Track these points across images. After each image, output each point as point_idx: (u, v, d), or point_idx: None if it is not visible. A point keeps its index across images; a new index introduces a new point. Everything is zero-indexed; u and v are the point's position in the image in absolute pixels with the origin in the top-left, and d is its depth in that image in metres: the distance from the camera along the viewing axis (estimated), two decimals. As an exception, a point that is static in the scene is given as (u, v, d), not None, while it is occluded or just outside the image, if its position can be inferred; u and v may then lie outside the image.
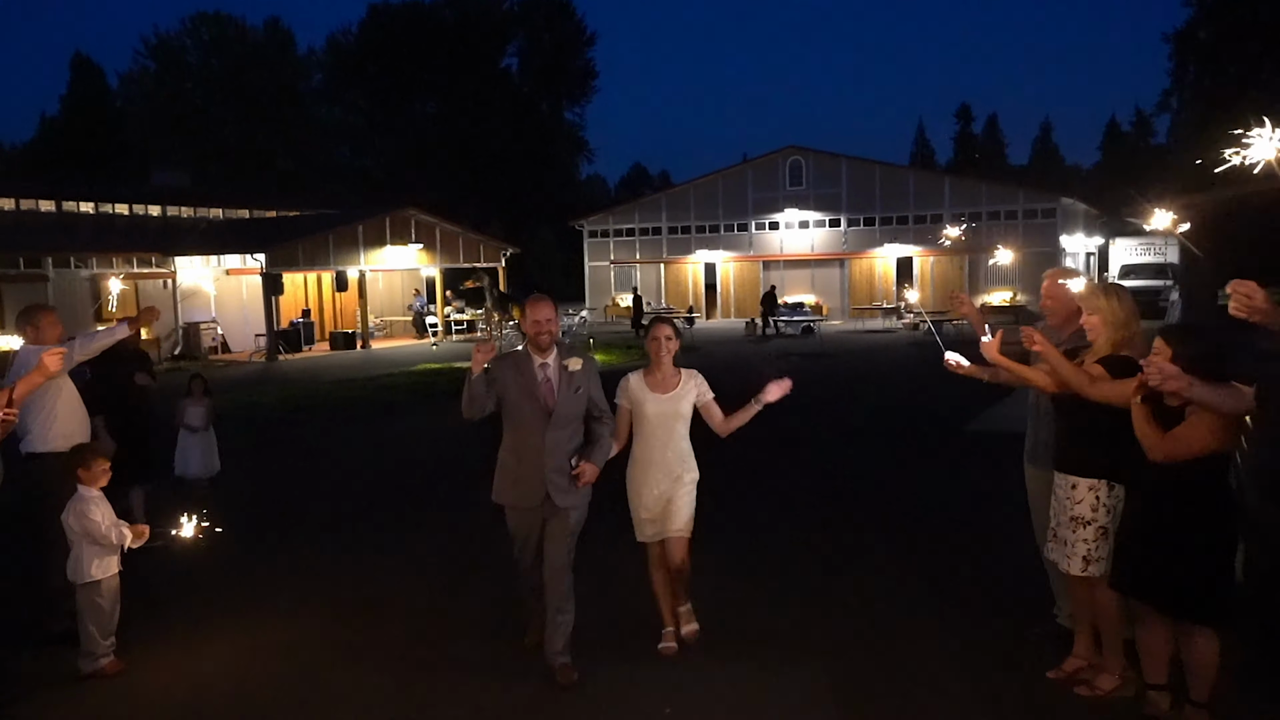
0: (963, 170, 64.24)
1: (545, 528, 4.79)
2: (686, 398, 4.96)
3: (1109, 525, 4.13)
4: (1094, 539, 4.17)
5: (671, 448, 4.93)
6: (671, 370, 4.97)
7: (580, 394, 4.80)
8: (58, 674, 4.79)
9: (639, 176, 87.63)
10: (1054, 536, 4.35)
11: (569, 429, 4.79)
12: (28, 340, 5.41)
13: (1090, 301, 4.21)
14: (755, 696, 4.46)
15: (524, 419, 4.75)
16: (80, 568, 4.86)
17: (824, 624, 5.34)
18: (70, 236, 27.39)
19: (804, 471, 9.60)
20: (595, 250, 43.11)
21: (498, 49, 66.59)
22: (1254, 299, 3.00)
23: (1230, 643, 3.78)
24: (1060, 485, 4.29)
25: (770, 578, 6.19)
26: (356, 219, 30.02)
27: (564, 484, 4.73)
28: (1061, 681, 4.36)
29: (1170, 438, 3.63)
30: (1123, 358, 4.00)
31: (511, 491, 4.85)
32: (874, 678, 4.60)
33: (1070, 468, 4.24)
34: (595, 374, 4.90)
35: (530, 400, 4.73)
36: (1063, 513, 4.27)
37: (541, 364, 4.77)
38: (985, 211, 37.55)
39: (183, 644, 5.27)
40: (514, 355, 4.88)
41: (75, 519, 4.88)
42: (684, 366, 5.04)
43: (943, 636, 5.05)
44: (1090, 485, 4.17)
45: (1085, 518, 4.18)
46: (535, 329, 4.75)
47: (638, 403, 4.95)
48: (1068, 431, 4.24)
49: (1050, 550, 4.40)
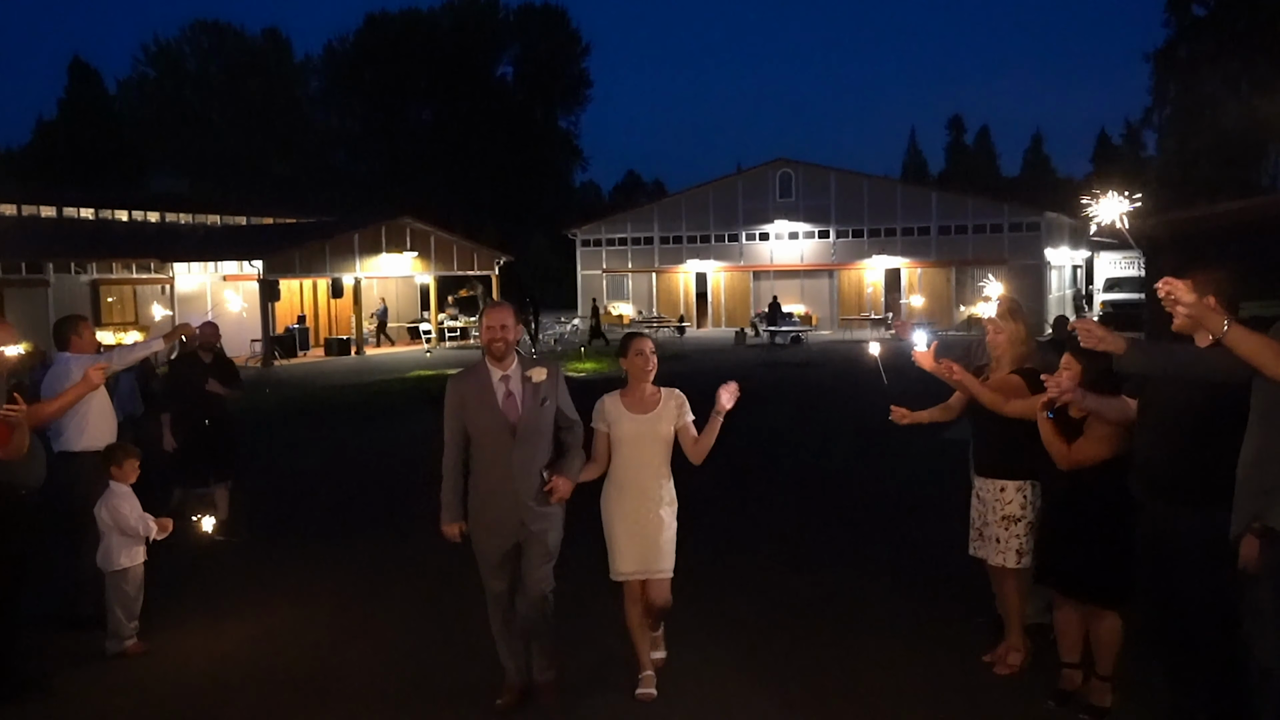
0: (952, 183, 64.94)
1: (521, 554, 4.51)
2: (666, 418, 4.60)
3: (1035, 520, 4.64)
4: (1024, 534, 4.67)
5: (651, 472, 4.59)
6: (650, 389, 4.65)
7: (547, 406, 4.49)
8: (87, 654, 5.24)
9: (633, 183, 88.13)
10: (980, 536, 4.84)
11: (537, 445, 4.48)
12: (70, 350, 5.72)
13: (999, 322, 4.74)
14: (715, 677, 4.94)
15: (487, 438, 4.45)
16: (109, 557, 5.33)
17: (787, 614, 5.82)
18: (70, 242, 27.81)
19: (780, 473, 10.09)
20: (588, 259, 43.64)
21: (493, 57, 67.23)
22: (1178, 292, 3.32)
23: (1130, 622, 4.30)
24: (987, 489, 4.78)
25: (733, 570, 6.67)
26: (353, 227, 30.51)
27: (537, 505, 4.43)
28: (994, 663, 4.86)
29: (1074, 448, 4.13)
30: (1030, 370, 4.54)
31: (480, 517, 4.52)
32: (830, 656, 5.08)
33: (998, 473, 4.73)
34: (561, 382, 4.61)
35: (492, 417, 4.42)
36: (992, 514, 4.75)
37: (502, 376, 4.46)
38: (971, 224, 38.16)
39: (200, 628, 5.73)
40: (471, 371, 4.55)
41: (107, 512, 5.35)
42: (666, 384, 4.74)
43: (898, 623, 5.53)
44: (1018, 486, 4.68)
45: (1016, 515, 4.69)
46: (489, 336, 4.42)
47: (614, 424, 4.60)
48: (991, 439, 4.73)
49: (977, 549, 4.88)
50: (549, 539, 4.51)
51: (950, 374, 4.64)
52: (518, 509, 4.42)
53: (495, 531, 4.48)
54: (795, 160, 41.14)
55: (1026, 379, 4.51)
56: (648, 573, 4.60)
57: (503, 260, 34.82)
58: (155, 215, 33.15)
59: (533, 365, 4.52)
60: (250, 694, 4.83)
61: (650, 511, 4.58)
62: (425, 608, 6.07)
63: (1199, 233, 11.24)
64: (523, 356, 4.55)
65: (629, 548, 4.60)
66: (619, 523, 4.61)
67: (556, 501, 4.45)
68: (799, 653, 5.20)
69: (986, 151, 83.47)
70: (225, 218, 35.26)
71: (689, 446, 4.62)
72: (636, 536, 4.58)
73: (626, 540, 4.60)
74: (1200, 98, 40.71)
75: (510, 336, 4.43)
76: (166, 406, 7.60)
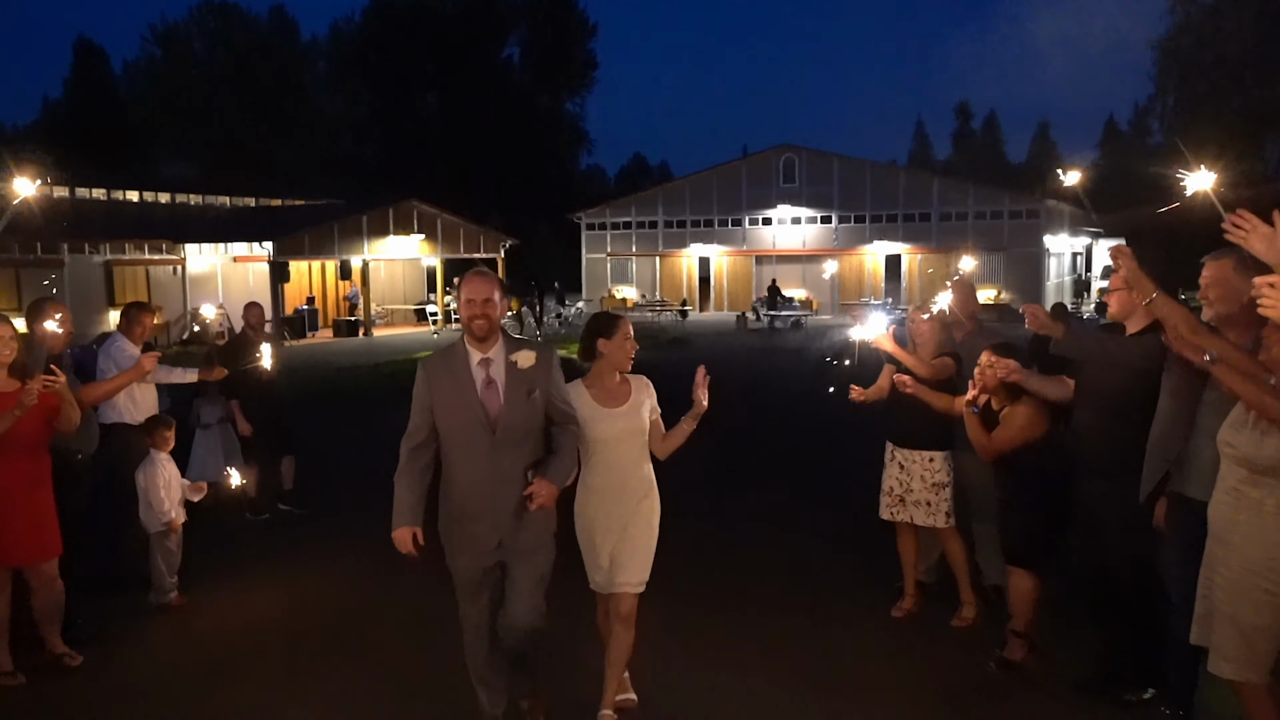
0: (956, 169, 65.13)
1: (505, 578, 3.86)
2: (642, 409, 4.13)
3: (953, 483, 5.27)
4: (950, 497, 5.26)
5: (631, 473, 4.11)
6: (619, 378, 4.15)
7: (535, 398, 3.75)
8: (133, 608, 5.75)
9: (638, 167, 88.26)
10: (900, 503, 5.34)
11: (523, 446, 3.76)
12: (130, 338, 6.25)
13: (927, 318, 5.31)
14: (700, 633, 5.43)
15: (461, 434, 3.74)
16: (151, 517, 5.85)
17: (760, 581, 6.32)
18: (84, 223, 28.31)
19: (770, 455, 10.59)
20: (593, 243, 44.09)
21: (499, 40, 67.18)
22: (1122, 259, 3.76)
23: (1048, 586, 4.78)
24: (914, 459, 5.30)
25: (709, 538, 7.18)
26: (360, 209, 31.00)
27: (520, 521, 3.74)
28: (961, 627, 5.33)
29: (993, 440, 4.66)
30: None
31: (453, 532, 3.86)
32: (803, 625, 5.59)
33: (928, 444, 5.28)
34: (555, 369, 3.87)
35: (467, 408, 3.71)
36: (919, 482, 5.28)
37: (482, 360, 3.75)
38: (972, 211, 38.56)
39: (234, 586, 6.25)
40: (446, 352, 3.86)
41: (145, 477, 5.87)
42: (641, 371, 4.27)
43: (864, 593, 6.02)
44: (945, 456, 5.28)
45: (943, 481, 5.26)
46: (469, 311, 3.71)
47: (587, 423, 4.02)
48: (917, 415, 5.20)
49: (896, 514, 5.38)
50: (537, 560, 3.83)
51: (904, 387, 5.11)
52: (497, 524, 3.75)
53: (470, 550, 3.82)
54: (799, 146, 41.54)
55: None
56: (614, 584, 4.13)
57: (508, 243, 35.29)
58: (166, 197, 33.69)
59: (521, 347, 3.79)
60: (280, 643, 5.33)
61: (634, 515, 4.11)
62: (445, 579, 6.57)
63: (1178, 223, 11.66)
64: (510, 338, 3.86)
65: (605, 558, 4.12)
66: (599, 534, 4.11)
67: (536, 508, 3.65)
68: (773, 618, 5.70)
69: (993, 138, 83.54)
70: (235, 200, 35.73)
71: (656, 441, 4.19)
72: (615, 545, 4.10)
73: (603, 553, 4.12)
74: (1202, 87, 40.93)
75: (494, 313, 3.71)
76: (234, 392, 7.70)
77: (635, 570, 4.12)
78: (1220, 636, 3.34)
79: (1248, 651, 3.27)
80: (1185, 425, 3.76)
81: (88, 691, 4.69)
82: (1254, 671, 3.28)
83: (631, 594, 4.12)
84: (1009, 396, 4.66)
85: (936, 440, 5.29)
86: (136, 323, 6.33)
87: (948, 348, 5.30)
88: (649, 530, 4.17)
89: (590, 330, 4.18)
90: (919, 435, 5.32)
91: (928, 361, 5.20)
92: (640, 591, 4.15)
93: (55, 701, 4.58)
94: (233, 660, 5.10)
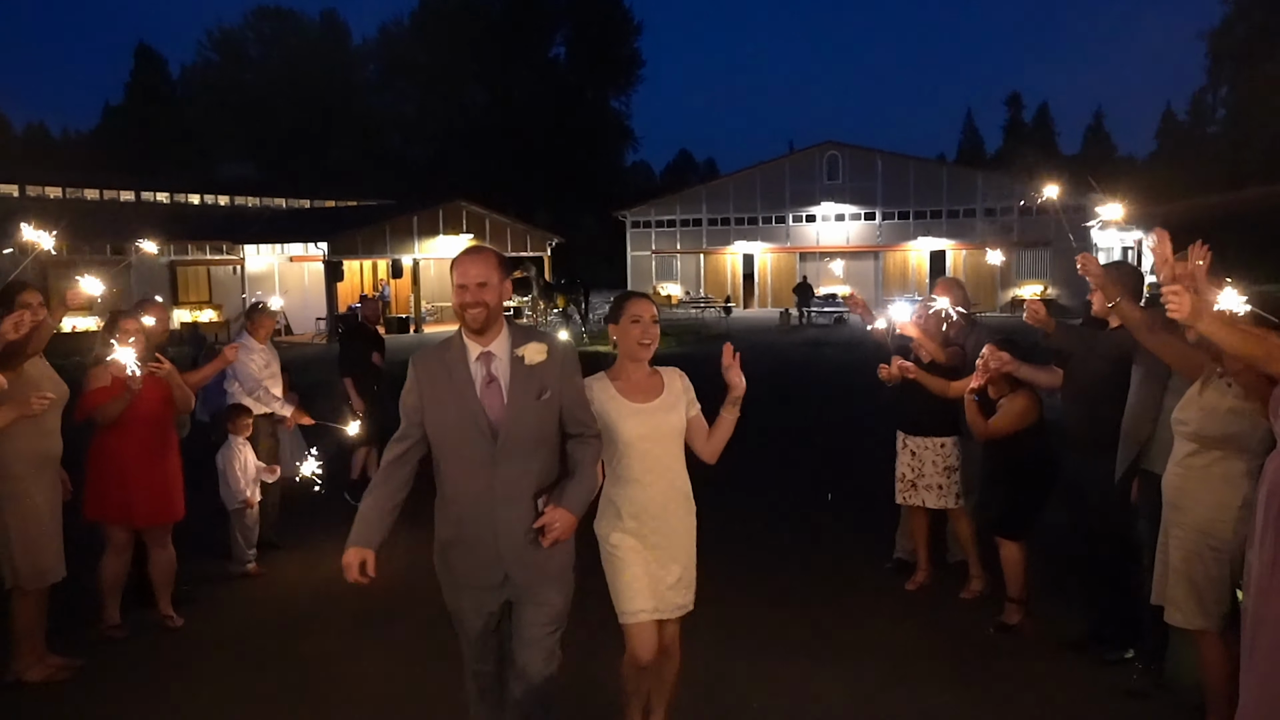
0: (1007, 162, 64.54)
1: (513, 619, 3.31)
2: (677, 405, 3.60)
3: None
4: (959, 480, 5.69)
5: (665, 479, 3.57)
6: (648, 369, 3.64)
7: (547, 400, 3.18)
8: (216, 574, 6.39)
9: (684, 163, 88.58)
10: (913, 487, 5.76)
11: (531, 459, 3.18)
12: (255, 338, 6.89)
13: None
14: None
15: (458, 444, 3.17)
16: (229, 495, 6.49)
17: (781, 559, 6.81)
18: (149, 225, 29.51)
19: (815, 453, 11.04)
20: (637, 240, 44.66)
21: (545, 39, 68.06)
22: (1090, 265, 4.24)
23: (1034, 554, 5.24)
24: (926, 446, 5.73)
25: (734, 517, 7.66)
26: (411, 210, 31.85)
27: (529, 550, 3.17)
28: (969, 599, 5.77)
29: (990, 425, 5.09)
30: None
31: (448, 564, 3.30)
32: (824, 592, 6.07)
33: (939, 431, 5.71)
34: (571, 366, 3.29)
35: (463, 411, 3.14)
36: (931, 467, 5.70)
37: (482, 355, 3.18)
38: (1017, 206, 38.44)
39: (303, 556, 6.87)
40: (441, 347, 3.27)
41: (224, 459, 6.51)
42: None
43: (879, 568, 6.47)
44: (955, 441, 5.71)
45: (954, 465, 5.70)
46: (460, 298, 3.12)
47: (610, 421, 3.50)
48: (928, 404, 5.63)
49: (909, 498, 5.80)
50: (552, 598, 3.26)
51: (908, 372, 5.58)
52: (501, 554, 3.18)
53: (470, 586, 3.27)
54: (842, 143, 41.75)
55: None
56: (668, 610, 3.61)
57: (554, 242, 35.97)
58: (225, 199, 34.83)
59: (530, 339, 3.22)
60: (348, 602, 5.87)
61: (670, 527, 3.59)
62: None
63: (1208, 219, 11.96)
64: (518, 327, 3.31)
65: (644, 581, 3.56)
66: (630, 551, 3.56)
67: (550, 543, 3.11)
68: (796, 589, 6.18)
69: (1045, 130, 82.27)
70: (290, 201, 36.82)
71: (700, 442, 3.65)
72: (653, 565, 3.57)
73: (642, 572, 3.56)
74: (1255, 77, 40.43)
75: (491, 299, 3.12)
76: (349, 371, 8.55)
77: (681, 590, 3.63)
78: (1174, 590, 3.78)
79: (1199, 602, 3.70)
80: (1153, 410, 4.19)
81: (184, 642, 5.33)
82: (1205, 620, 3.71)
83: (676, 619, 3.65)
84: (1008, 386, 5.11)
85: (946, 426, 5.72)
86: (259, 324, 6.97)
87: (958, 339, 5.74)
88: (690, 543, 3.66)
89: (606, 316, 3.79)
90: (929, 423, 5.75)
91: (942, 350, 5.65)
92: (685, 612, 3.67)
93: (160, 650, 5.21)
94: (306, 617, 5.70)
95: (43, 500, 4.71)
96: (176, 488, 5.46)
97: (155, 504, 5.34)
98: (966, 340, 5.71)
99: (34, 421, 4.48)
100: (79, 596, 5.27)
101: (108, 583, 5.35)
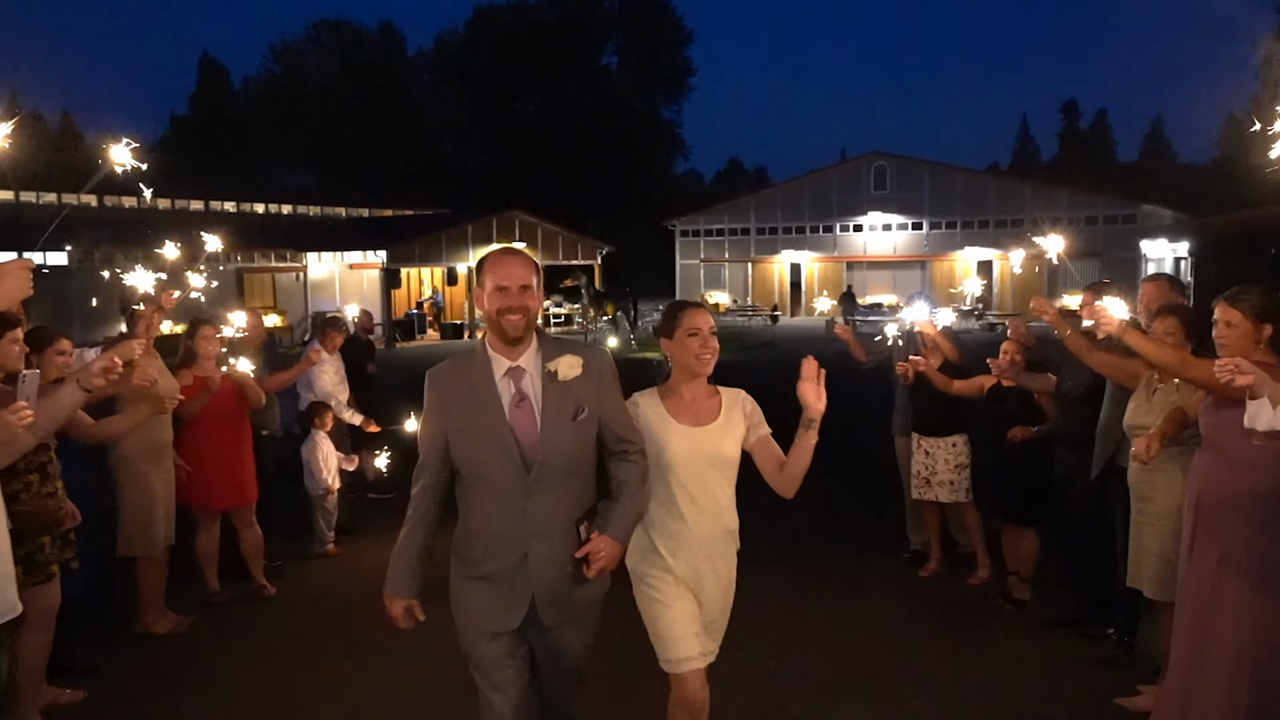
0: (1062, 170, 64.00)
1: (535, 664, 3.07)
2: (732, 433, 3.28)
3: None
4: (969, 476, 6.26)
5: (708, 513, 3.27)
6: (705, 389, 3.32)
7: (584, 420, 2.91)
8: (299, 554, 7.18)
9: (735, 171, 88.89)
10: (927, 484, 6.31)
11: (565, 486, 2.90)
12: (325, 348, 7.54)
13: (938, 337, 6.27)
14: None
15: (484, 472, 2.90)
16: (313, 483, 7.27)
17: (805, 550, 7.43)
18: (219, 233, 30.84)
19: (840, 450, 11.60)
20: (686, 249, 45.36)
21: (597, 47, 68.85)
22: (1045, 307, 4.85)
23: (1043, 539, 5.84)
24: (938, 445, 6.28)
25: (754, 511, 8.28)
26: (466, 219, 32.88)
27: (564, 587, 2.91)
28: (976, 585, 6.35)
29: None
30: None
31: (475, 605, 2.97)
32: (844, 576, 6.68)
33: (949, 431, 6.28)
34: (609, 378, 3.01)
35: (491, 437, 2.86)
36: (943, 465, 6.26)
37: (511, 370, 2.89)
38: (1066, 217, 38.51)
39: (373, 539, 7.62)
40: (463, 361, 2.98)
41: (307, 451, 7.30)
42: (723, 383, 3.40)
43: (896, 558, 7.06)
44: (965, 439, 6.29)
45: (965, 462, 6.27)
46: (498, 303, 2.82)
47: (658, 442, 3.21)
48: (939, 406, 6.21)
49: (923, 494, 6.34)
50: (576, 639, 3.03)
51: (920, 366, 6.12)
52: (527, 591, 2.89)
53: (492, 624, 2.94)
54: (890, 153, 42.15)
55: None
56: (709, 655, 3.34)
57: (605, 250, 36.77)
58: (288, 208, 36.14)
59: (564, 351, 2.92)
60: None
61: (707, 567, 3.29)
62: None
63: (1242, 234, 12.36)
64: (548, 339, 3.00)
65: (690, 622, 3.26)
66: (670, 587, 3.26)
67: (595, 574, 2.87)
68: (818, 574, 6.81)
69: (1103, 136, 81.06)
70: (350, 210, 38.06)
71: (772, 471, 3.29)
72: (693, 604, 3.29)
73: (687, 613, 3.26)
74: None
75: (533, 305, 2.86)
76: (353, 387, 8.68)
77: (716, 633, 3.39)
78: (1148, 568, 4.36)
79: (1170, 576, 4.25)
80: (1122, 415, 4.77)
81: (275, 607, 6.14)
82: (1173, 593, 4.28)
83: (702, 668, 3.29)
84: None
85: (956, 426, 6.31)
86: (330, 337, 7.72)
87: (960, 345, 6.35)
88: (728, 587, 3.37)
89: (658, 329, 3.43)
90: (940, 424, 6.35)
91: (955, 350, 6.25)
92: (711, 660, 3.36)
93: (257, 613, 6.01)
94: (378, 590, 6.42)
95: (156, 481, 5.52)
96: (249, 475, 6.22)
97: (230, 490, 6.11)
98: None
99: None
100: (189, 567, 6.11)
101: (201, 556, 6.15)
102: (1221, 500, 3.61)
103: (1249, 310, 3.56)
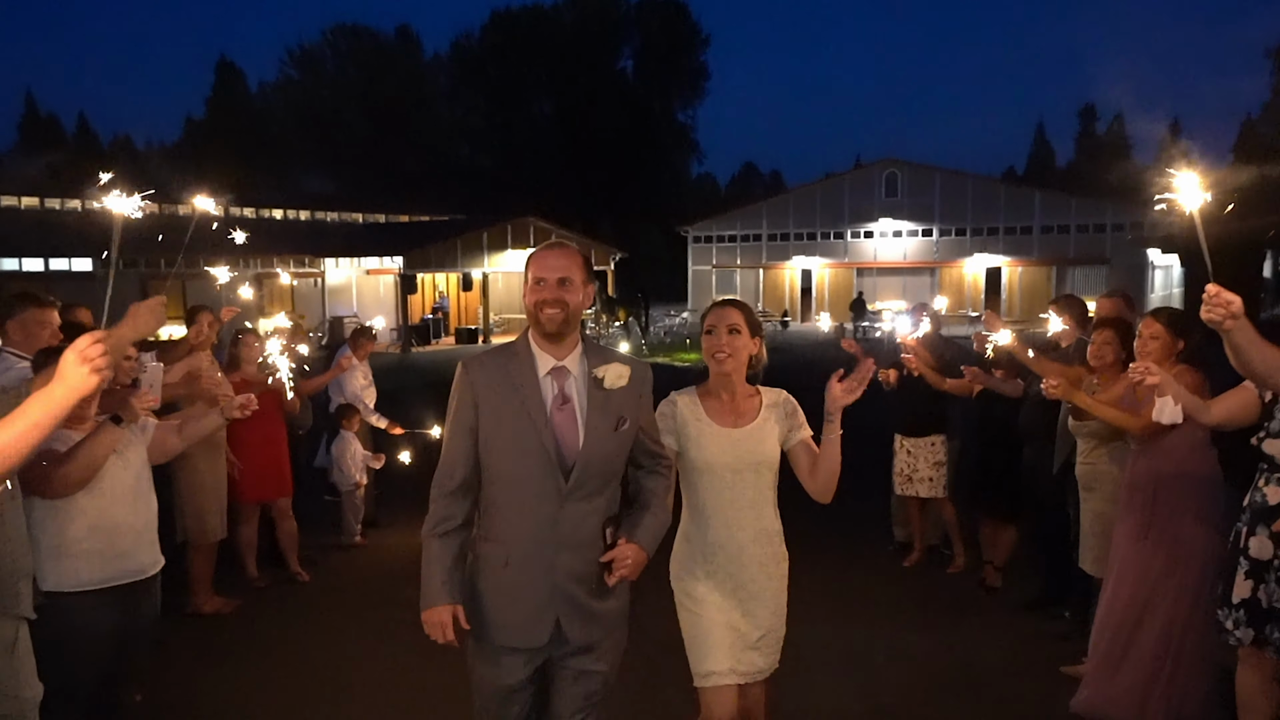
0: (1078, 175, 63.92)
1: (551, 687, 2.87)
2: (771, 434, 3.19)
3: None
4: (947, 473, 6.76)
5: (748, 517, 3.18)
6: (744, 389, 3.22)
7: (625, 431, 2.81)
8: (329, 545, 7.74)
9: (749, 175, 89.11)
10: (909, 480, 6.81)
11: (600, 495, 2.79)
12: (356, 354, 8.08)
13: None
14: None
15: (519, 477, 2.75)
16: (342, 479, 7.83)
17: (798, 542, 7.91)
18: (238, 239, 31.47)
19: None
20: (699, 254, 45.85)
21: (613, 51, 68.71)
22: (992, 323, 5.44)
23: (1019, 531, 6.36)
24: (920, 445, 6.79)
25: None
26: (481, 225, 33.46)
27: (589, 599, 2.78)
28: (953, 572, 6.86)
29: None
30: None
31: (492, 617, 2.79)
32: (834, 567, 7.17)
33: (930, 431, 6.79)
34: (649, 392, 2.93)
35: (531, 440, 2.72)
36: (923, 463, 6.76)
37: (555, 369, 2.78)
38: (1074, 224, 38.90)
39: (397, 531, 8.19)
40: (503, 354, 2.85)
41: (337, 449, 7.86)
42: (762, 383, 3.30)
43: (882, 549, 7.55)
44: (944, 439, 6.79)
45: (943, 460, 6.78)
46: (538, 295, 2.74)
47: (691, 444, 3.16)
48: (922, 408, 6.73)
49: (905, 489, 6.84)
50: (600, 661, 2.85)
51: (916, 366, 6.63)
52: (554, 603, 2.75)
53: (511, 639, 2.79)
54: (902, 160, 42.53)
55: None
56: (750, 674, 3.20)
57: (618, 256, 37.32)
58: (305, 214, 36.77)
59: (610, 359, 2.84)
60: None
61: (751, 574, 3.19)
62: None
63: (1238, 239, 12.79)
64: (594, 345, 2.91)
65: (724, 636, 3.16)
66: (706, 597, 3.17)
67: (615, 581, 2.75)
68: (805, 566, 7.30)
69: (1119, 142, 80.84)
70: (367, 216, 38.68)
71: (806, 473, 3.22)
72: (735, 617, 3.18)
73: (722, 625, 3.16)
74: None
75: (573, 300, 2.75)
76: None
77: (765, 650, 3.23)
78: (1089, 549, 4.92)
79: (1105, 557, 4.75)
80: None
81: (310, 592, 6.70)
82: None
83: (761, 683, 3.23)
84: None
85: (935, 426, 6.81)
86: (361, 346, 8.23)
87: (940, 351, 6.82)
88: (779, 594, 3.26)
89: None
90: (921, 424, 6.85)
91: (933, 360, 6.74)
92: (770, 673, 3.25)
93: (294, 597, 6.57)
94: (408, 574, 6.97)
95: (209, 475, 6.08)
96: (284, 470, 6.77)
97: (265, 483, 6.65)
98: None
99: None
100: (231, 556, 6.66)
101: (242, 545, 6.70)
102: (1146, 483, 4.18)
103: (1168, 326, 4.11)
